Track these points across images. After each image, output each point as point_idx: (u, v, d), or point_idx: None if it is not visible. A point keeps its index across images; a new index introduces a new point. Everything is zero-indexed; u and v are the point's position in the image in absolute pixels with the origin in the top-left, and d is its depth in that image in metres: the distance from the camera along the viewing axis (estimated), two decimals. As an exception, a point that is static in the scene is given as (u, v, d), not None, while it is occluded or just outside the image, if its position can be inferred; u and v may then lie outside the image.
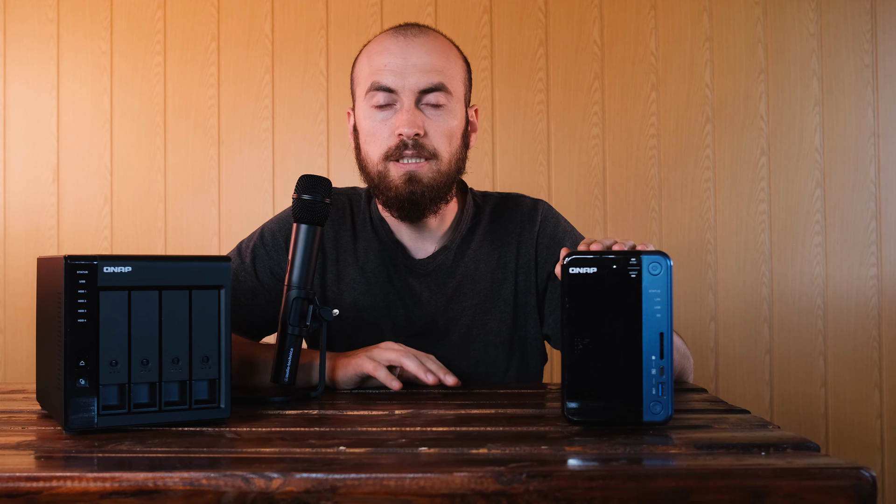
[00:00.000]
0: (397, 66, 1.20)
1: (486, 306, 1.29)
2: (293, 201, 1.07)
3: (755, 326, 2.14)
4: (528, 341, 1.31)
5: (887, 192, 2.13)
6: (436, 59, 1.21)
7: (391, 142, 1.20)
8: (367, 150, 1.23)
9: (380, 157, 1.21)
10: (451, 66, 1.23)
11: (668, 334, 0.80)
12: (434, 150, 1.20)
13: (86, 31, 2.22)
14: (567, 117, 2.17)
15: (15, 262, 2.21)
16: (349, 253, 1.30)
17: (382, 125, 1.21)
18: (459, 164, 1.25)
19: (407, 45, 1.21)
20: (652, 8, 2.17)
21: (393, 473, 0.65)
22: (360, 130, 1.25)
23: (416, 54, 1.20)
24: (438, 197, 1.22)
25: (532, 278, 1.30)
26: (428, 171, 1.20)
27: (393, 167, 1.20)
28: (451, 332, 1.28)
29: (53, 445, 0.78)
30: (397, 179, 1.20)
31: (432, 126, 1.20)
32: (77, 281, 0.81)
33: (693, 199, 2.15)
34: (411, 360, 1.10)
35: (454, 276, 1.29)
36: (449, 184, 1.23)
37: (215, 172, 2.20)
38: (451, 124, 1.22)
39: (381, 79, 1.20)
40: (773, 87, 2.15)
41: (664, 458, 0.71)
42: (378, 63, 1.21)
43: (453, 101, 1.23)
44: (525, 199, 1.35)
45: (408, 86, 1.19)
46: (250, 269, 1.29)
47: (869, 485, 0.63)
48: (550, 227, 1.31)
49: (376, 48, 1.23)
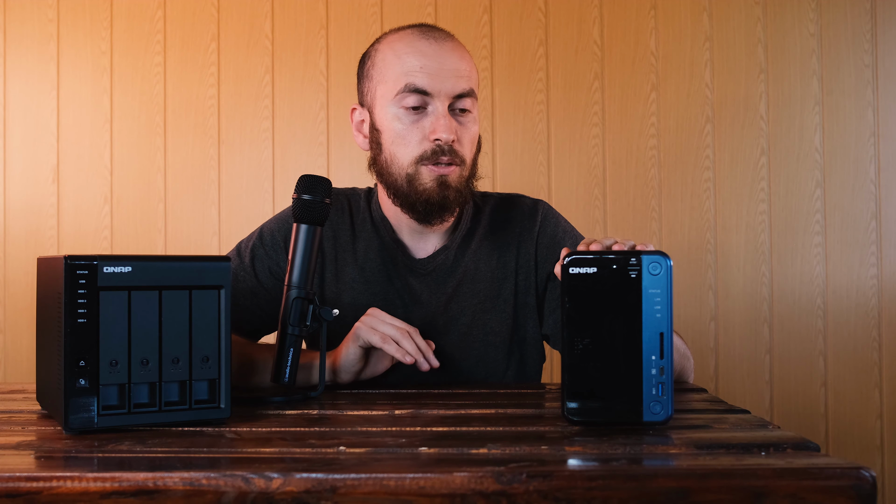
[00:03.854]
0: (433, 69, 1.20)
1: (486, 306, 1.29)
2: (293, 201, 1.07)
3: (755, 326, 2.14)
4: (528, 341, 1.31)
5: (887, 192, 2.13)
6: (465, 64, 1.23)
7: (426, 146, 1.20)
8: (393, 151, 1.23)
9: (411, 160, 1.21)
10: (474, 71, 1.26)
11: (668, 334, 0.80)
12: (463, 157, 1.22)
13: (86, 31, 2.22)
14: (567, 117, 2.17)
15: (15, 262, 2.21)
16: (348, 252, 1.30)
17: (414, 128, 1.21)
18: (475, 170, 1.27)
19: (440, 49, 1.21)
20: (652, 8, 2.17)
21: (393, 473, 0.65)
22: (386, 131, 1.23)
23: (450, 59, 1.21)
24: (464, 200, 1.25)
25: (532, 278, 1.30)
26: (458, 176, 1.22)
27: (426, 170, 1.20)
28: (450, 331, 1.28)
29: (53, 445, 0.78)
30: (429, 183, 1.20)
31: (462, 132, 1.22)
32: (77, 281, 0.81)
33: (693, 199, 2.15)
34: (408, 342, 1.09)
35: (454, 275, 1.29)
36: (470, 187, 1.26)
37: (215, 172, 2.20)
38: (475, 131, 1.25)
39: (416, 81, 1.19)
40: (773, 87, 2.15)
41: (664, 458, 0.71)
42: (411, 64, 1.20)
43: (476, 108, 1.25)
44: (525, 199, 1.36)
45: (444, 90, 1.19)
46: (249, 268, 1.29)
47: (869, 485, 0.63)
48: (550, 227, 1.32)
49: (405, 48, 1.22)
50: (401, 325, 1.11)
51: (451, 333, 1.28)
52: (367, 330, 1.10)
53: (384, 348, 1.09)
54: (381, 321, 1.11)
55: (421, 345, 1.11)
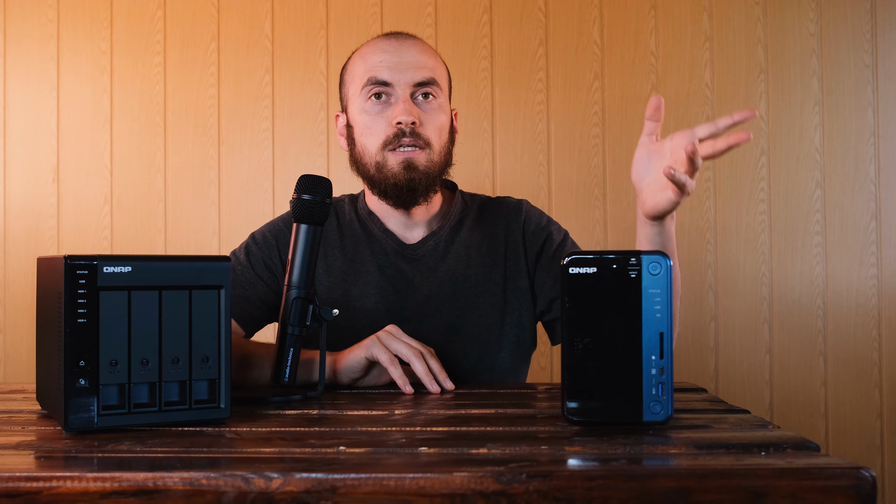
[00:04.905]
0: (392, 62, 1.28)
1: (479, 290, 1.33)
2: (293, 201, 1.07)
3: (755, 326, 2.14)
4: (521, 324, 1.35)
5: (887, 192, 2.13)
6: (427, 58, 1.31)
7: (389, 131, 1.27)
8: (363, 142, 1.30)
9: (377, 147, 1.28)
10: (439, 66, 1.33)
11: (668, 334, 0.80)
12: (428, 140, 1.28)
13: (86, 31, 2.22)
14: (567, 117, 2.17)
15: (15, 262, 2.21)
16: (336, 248, 1.35)
17: (378, 117, 1.28)
18: (448, 158, 1.33)
19: (400, 46, 1.30)
20: (652, 8, 2.17)
21: (393, 473, 0.65)
22: (356, 125, 1.31)
23: (409, 53, 1.30)
24: (432, 183, 1.30)
25: (522, 262, 1.35)
26: (423, 158, 1.27)
27: (391, 155, 1.27)
28: (443, 315, 1.32)
29: (53, 445, 0.78)
30: (396, 167, 1.27)
31: (426, 118, 1.28)
32: (77, 281, 0.81)
33: (693, 200, 2.15)
34: (420, 364, 1.10)
35: (445, 260, 1.34)
36: (440, 173, 1.31)
37: (215, 172, 2.20)
38: (441, 118, 1.31)
39: (377, 74, 1.28)
40: (773, 87, 2.15)
41: (664, 458, 0.71)
42: (373, 61, 1.29)
43: (442, 98, 1.32)
44: (510, 198, 1.44)
45: (403, 79, 1.27)
46: (245, 262, 1.35)
47: (869, 485, 0.63)
48: (535, 217, 1.40)
49: (369, 49, 1.32)
50: (416, 345, 1.12)
51: (444, 317, 1.32)
52: (379, 346, 1.11)
53: (388, 370, 1.10)
54: (395, 339, 1.12)
55: (434, 367, 1.11)
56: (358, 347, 1.13)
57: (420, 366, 1.09)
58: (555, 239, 1.36)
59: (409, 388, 1.09)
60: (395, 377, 1.09)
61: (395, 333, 1.13)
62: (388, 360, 1.09)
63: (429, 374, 1.10)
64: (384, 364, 1.09)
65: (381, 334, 1.13)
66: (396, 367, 1.09)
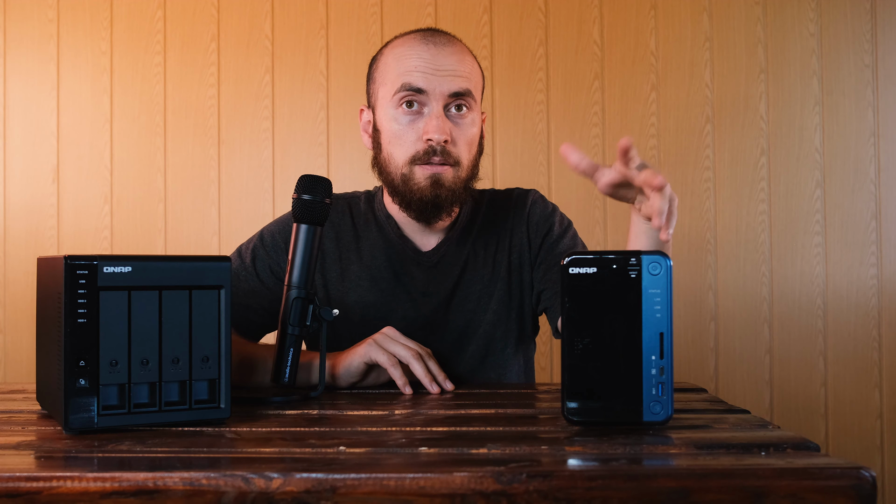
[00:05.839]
0: (428, 69, 1.22)
1: (489, 290, 1.33)
2: (293, 201, 1.07)
3: (755, 326, 2.14)
4: (524, 314, 1.35)
5: (887, 192, 2.13)
6: (464, 66, 1.25)
7: (419, 146, 1.23)
8: (391, 151, 1.26)
9: (405, 160, 1.24)
10: (475, 74, 1.28)
11: (668, 334, 0.80)
12: (458, 158, 1.24)
13: (86, 31, 2.22)
14: (567, 117, 2.17)
15: (15, 262, 2.21)
16: (352, 251, 1.33)
17: (409, 128, 1.24)
18: (475, 171, 1.30)
19: (438, 52, 1.24)
20: (652, 8, 2.17)
21: (393, 473, 0.65)
22: (384, 131, 1.27)
23: (446, 60, 1.23)
24: (457, 199, 1.27)
25: (526, 254, 1.35)
26: (451, 176, 1.24)
27: (419, 170, 1.23)
28: (457, 317, 1.32)
29: (53, 445, 0.78)
30: (422, 182, 1.23)
31: (457, 133, 1.24)
32: (77, 281, 0.81)
33: (693, 199, 2.15)
34: (419, 365, 1.10)
35: (457, 265, 1.33)
36: (466, 188, 1.28)
37: (215, 172, 2.20)
38: (472, 132, 1.27)
39: (412, 80, 1.22)
40: (773, 87, 2.15)
41: (664, 458, 0.71)
42: (408, 65, 1.23)
43: (475, 109, 1.27)
44: (518, 189, 1.42)
45: (438, 89, 1.22)
46: (251, 268, 1.31)
47: (869, 485, 0.63)
48: (539, 207, 1.38)
49: (405, 50, 1.25)
50: (414, 346, 1.12)
51: (458, 319, 1.32)
52: (377, 349, 1.10)
53: (389, 371, 1.10)
54: (393, 341, 1.12)
55: (433, 368, 1.11)
56: (355, 351, 1.12)
57: (419, 367, 1.09)
58: (554, 231, 1.35)
59: (409, 390, 1.09)
60: (396, 378, 1.09)
61: (392, 335, 1.13)
62: (387, 362, 1.09)
63: (428, 375, 1.10)
64: (384, 366, 1.09)
65: (377, 337, 1.12)
66: (397, 368, 1.09)
